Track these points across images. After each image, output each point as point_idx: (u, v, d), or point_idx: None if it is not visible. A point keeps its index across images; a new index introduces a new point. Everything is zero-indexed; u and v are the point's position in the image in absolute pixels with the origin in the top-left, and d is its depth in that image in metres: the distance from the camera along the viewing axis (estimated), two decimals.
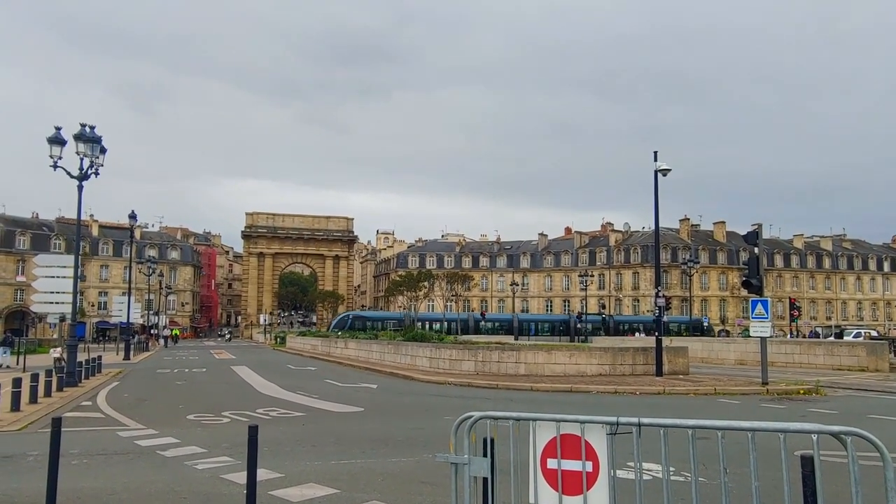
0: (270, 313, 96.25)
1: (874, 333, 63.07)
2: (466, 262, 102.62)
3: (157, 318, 68.49)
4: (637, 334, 61.98)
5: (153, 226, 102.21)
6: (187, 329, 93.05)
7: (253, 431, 5.10)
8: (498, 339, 52.73)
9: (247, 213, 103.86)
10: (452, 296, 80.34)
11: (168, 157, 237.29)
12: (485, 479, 3.76)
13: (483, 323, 72.67)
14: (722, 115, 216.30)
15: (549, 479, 3.52)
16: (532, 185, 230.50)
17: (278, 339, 65.46)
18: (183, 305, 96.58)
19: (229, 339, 73.93)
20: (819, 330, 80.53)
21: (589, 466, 3.44)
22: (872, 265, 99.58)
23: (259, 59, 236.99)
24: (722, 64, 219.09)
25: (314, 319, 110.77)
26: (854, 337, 51.16)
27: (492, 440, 3.76)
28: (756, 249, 18.88)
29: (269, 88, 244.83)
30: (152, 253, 76.25)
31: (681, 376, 21.58)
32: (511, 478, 3.70)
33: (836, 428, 3.02)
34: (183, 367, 29.32)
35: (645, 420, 3.42)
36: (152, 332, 64.47)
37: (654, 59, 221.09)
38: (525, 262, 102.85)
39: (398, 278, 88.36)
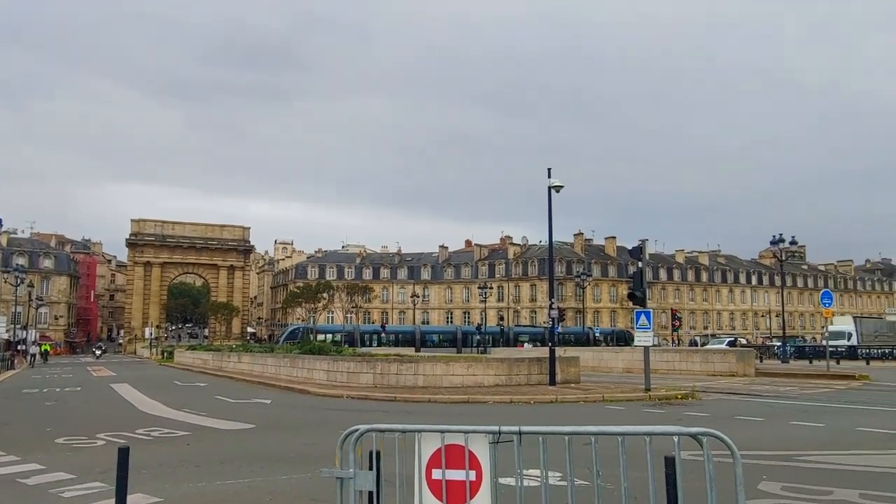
0: (157, 326, 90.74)
1: (744, 341, 68.62)
2: (367, 274, 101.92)
3: (25, 332, 62.67)
4: (526, 345, 63.99)
5: (23, 231, 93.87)
6: (61, 344, 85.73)
7: (123, 454, 4.75)
8: (397, 351, 52.67)
9: (132, 220, 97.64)
10: (352, 307, 79.40)
11: (44, 157, 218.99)
12: (370, 493, 3.72)
13: (383, 335, 72.21)
14: (615, 134, 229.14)
15: (433, 489, 3.54)
16: (434, 197, 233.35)
17: (165, 354, 61.86)
18: (57, 318, 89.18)
19: (99, 356, 68.00)
20: (698, 339, 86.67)
21: (472, 475, 3.50)
22: (742, 279, 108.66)
23: (149, 56, 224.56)
24: (616, 86, 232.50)
25: (206, 333, 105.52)
26: (727, 345, 55.43)
27: (377, 453, 3.74)
28: (640, 264, 20.03)
29: (161, 88, 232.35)
30: (21, 261, 69.92)
31: (573, 385, 22.43)
32: (397, 490, 3.69)
33: (694, 430, 3.26)
34: (54, 387, 26.94)
35: (525, 428, 3.53)
36: (19, 347, 58.79)
37: (553, 77, 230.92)
38: (426, 275, 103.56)
39: (296, 289, 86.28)
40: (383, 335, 72.48)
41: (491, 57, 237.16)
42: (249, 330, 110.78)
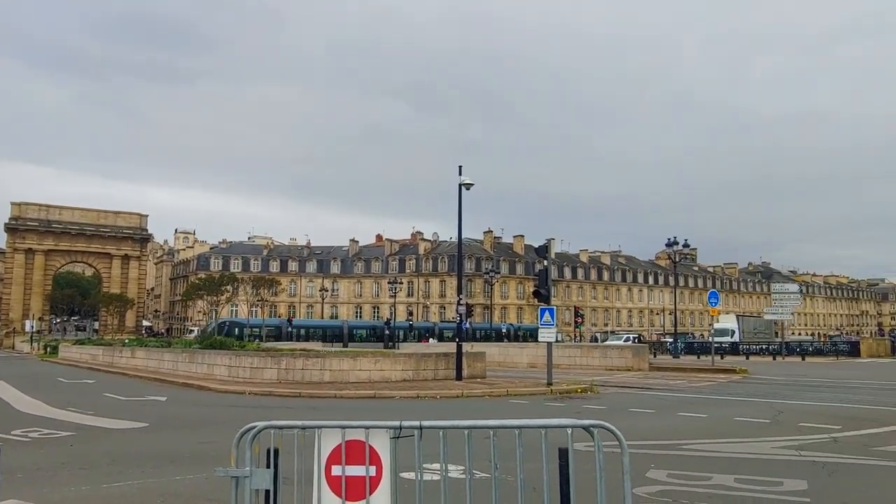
0: (40, 319, 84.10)
1: (640, 337, 72.44)
2: (274, 266, 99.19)
3: None
4: (431, 340, 64.68)
5: None
6: None
7: None
8: (303, 345, 51.79)
9: (13, 203, 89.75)
10: (258, 301, 77.06)
11: None
12: (266, 492, 3.63)
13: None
14: (526, 135, 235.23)
15: (332, 486, 3.50)
16: (345, 190, 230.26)
17: (48, 349, 57.39)
18: None
19: None
20: (598, 335, 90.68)
21: (373, 471, 3.49)
22: (640, 278, 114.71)
23: (35, 22, 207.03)
24: (528, 89, 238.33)
25: (96, 326, 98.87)
26: (625, 341, 58.32)
27: (276, 450, 3.64)
28: (546, 262, 20.70)
29: (50, 60, 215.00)
30: None
31: (478, 380, 22.85)
32: (295, 488, 3.61)
33: (586, 422, 3.42)
34: None
35: (426, 423, 3.56)
36: None
37: (467, 75, 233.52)
38: (336, 268, 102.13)
39: (198, 281, 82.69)
40: (311, 330, 71.32)
41: (405, 51, 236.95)
42: (145, 323, 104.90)
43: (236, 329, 62.03)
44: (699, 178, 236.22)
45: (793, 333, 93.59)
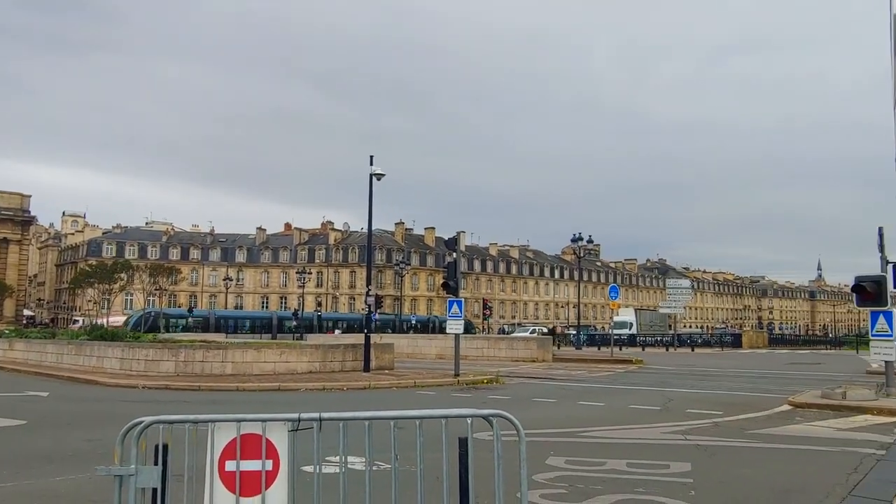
0: None
1: (545, 330, 74.89)
2: (175, 254, 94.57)
3: None
4: (336, 331, 64.20)
5: None
6: None
7: None
8: (253, 338, 50.66)
9: None
10: (156, 290, 73.18)
11: None
12: (154, 490, 3.43)
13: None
14: (440, 128, 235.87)
15: (226, 482, 3.36)
16: (254, 176, 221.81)
17: None
18: None
19: None
20: (506, 327, 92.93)
21: (269, 465, 3.37)
22: (547, 272, 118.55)
23: None
24: (445, 81, 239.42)
25: None
26: (531, 333, 60.11)
27: (164, 447, 3.45)
28: (455, 254, 20.90)
29: None
30: None
31: (386, 371, 22.81)
32: (185, 486, 3.44)
33: (485, 411, 3.47)
34: None
35: (326, 414, 3.48)
36: None
37: (382, 64, 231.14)
38: (241, 257, 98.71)
39: (88, 268, 77.51)
40: (239, 321, 69.34)
41: (320, 35, 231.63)
42: (27, 313, 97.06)
43: (161, 320, 59.98)
44: (605, 177, 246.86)
45: (684, 326, 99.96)
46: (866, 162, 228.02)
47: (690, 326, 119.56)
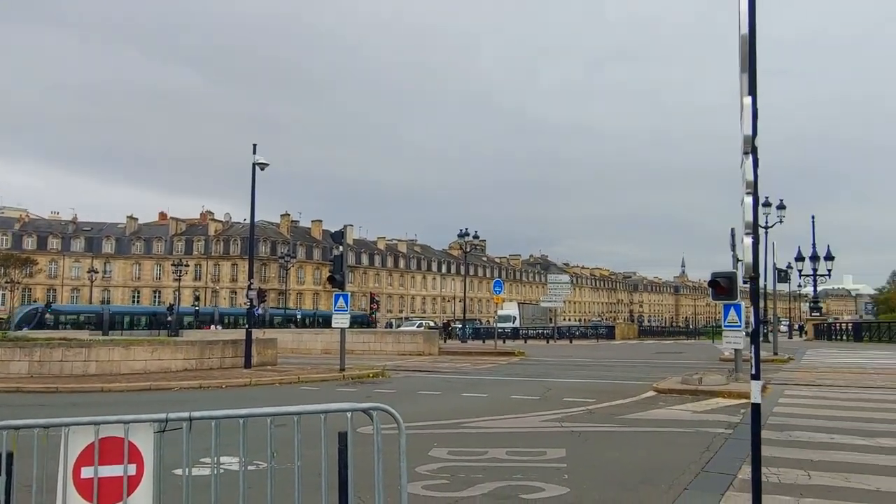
0: None
1: (432, 324, 75.81)
2: (30, 244, 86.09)
3: None
4: (213, 327, 61.69)
5: None
6: None
7: None
8: (150, 335, 47.14)
9: None
10: (7, 283, 66.32)
11: None
12: None
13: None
14: (330, 119, 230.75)
15: (82, 490, 3.09)
16: (127, 161, 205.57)
17: None
18: None
19: None
20: (393, 321, 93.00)
21: (132, 470, 3.14)
22: (435, 267, 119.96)
23: None
24: (335, 70, 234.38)
25: None
26: (417, 327, 60.58)
27: (10, 455, 3.11)
28: (341, 248, 20.61)
29: None
30: None
31: (269, 367, 22.09)
32: (33, 497, 3.12)
33: (365, 405, 3.44)
34: None
35: (196, 413, 3.30)
36: None
37: (269, 49, 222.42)
38: (109, 247, 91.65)
39: None
40: (137, 318, 64.39)
41: (204, 14, 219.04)
42: None
43: (49, 317, 54.79)
44: (492, 174, 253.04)
45: (564, 319, 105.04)
46: (721, 170, 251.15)
47: (569, 319, 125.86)
